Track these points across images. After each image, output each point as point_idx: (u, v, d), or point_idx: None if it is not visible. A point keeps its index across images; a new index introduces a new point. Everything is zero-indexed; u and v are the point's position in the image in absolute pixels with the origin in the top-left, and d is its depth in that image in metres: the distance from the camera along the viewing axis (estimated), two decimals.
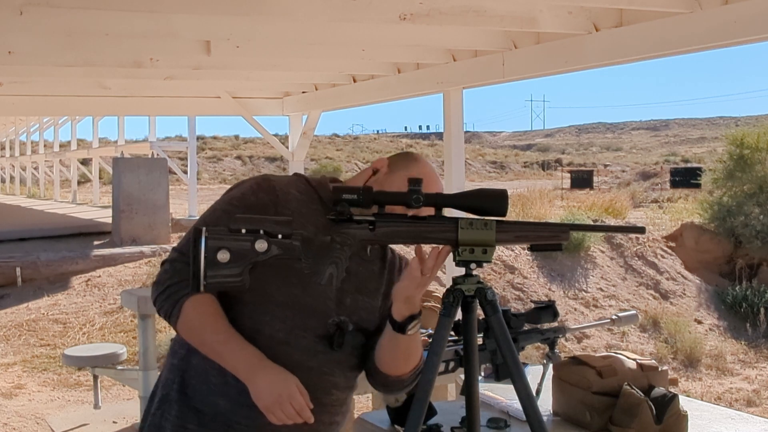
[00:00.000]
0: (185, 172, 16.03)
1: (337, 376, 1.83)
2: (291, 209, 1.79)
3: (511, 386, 1.68)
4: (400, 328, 1.75)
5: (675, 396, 2.33)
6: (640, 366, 2.45)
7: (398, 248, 1.98)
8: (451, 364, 2.25)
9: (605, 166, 47.36)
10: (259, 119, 6.71)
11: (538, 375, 2.53)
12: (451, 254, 1.70)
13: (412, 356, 1.86)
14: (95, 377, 5.53)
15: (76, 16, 3.43)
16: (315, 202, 1.85)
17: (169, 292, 1.76)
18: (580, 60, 3.86)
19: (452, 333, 1.76)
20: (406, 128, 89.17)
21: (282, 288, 1.75)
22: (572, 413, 2.45)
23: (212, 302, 1.75)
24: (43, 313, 9.00)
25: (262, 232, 1.63)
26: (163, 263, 1.82)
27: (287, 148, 6.92)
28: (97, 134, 19.93)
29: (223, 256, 1.61)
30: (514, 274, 11.49)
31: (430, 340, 1.73)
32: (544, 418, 1.79)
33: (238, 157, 43.71)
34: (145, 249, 11.09)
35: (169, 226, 12.06)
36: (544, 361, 2.50)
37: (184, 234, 1.90)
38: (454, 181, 4.79)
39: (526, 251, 11.72)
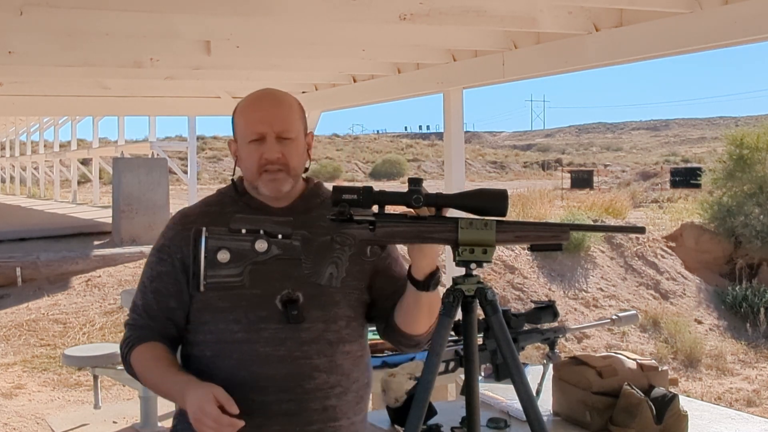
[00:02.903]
0: (185, 172, 16.01)
1: (314, 357, 1.79)
2: (204, 223, 1.77)
3: (511, 386, 1.68)
4: (425, 285, 1.75)
5: (675, 396, 2.33)
6: (640, 366, 2.46)
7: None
8: (451, 364, 2.25)
9: (605, 166, 47.38)
10: None
11: (538, 375, 2.53)
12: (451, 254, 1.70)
13: (434, 311, 1.82)
14: (95, 377, 5.53)
15: (76, 16, 3.43)
16: (229, 205, 1.86)
17: (123, 356, 1.84)
18: (580, 60, 3.85)
19: (452, 333, 1.76)
20: (406, 128, 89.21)
21: (222, 294, 1.74)
22: (572, 413, 2.45)
23: (151, 348, 1.79)
24: (43, 313, 9.00)
25: (262, 232, 1.64)
26: (124, 326, 1.89)
27: None
28: (97, 134, 19.93)
29: (223, 256, 1.61)
30: (514, 274, 11.50)
31: (430, 340, 1.72)
32: (544, 418, 1.79)
33: None
34: (145, 249, 11.07)
35: None
36: (544, 361, 2.50)
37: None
38: (454, 181, 4.78)
39: (526, 251, 11.73)
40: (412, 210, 1.69)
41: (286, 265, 1.72)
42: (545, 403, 2.51)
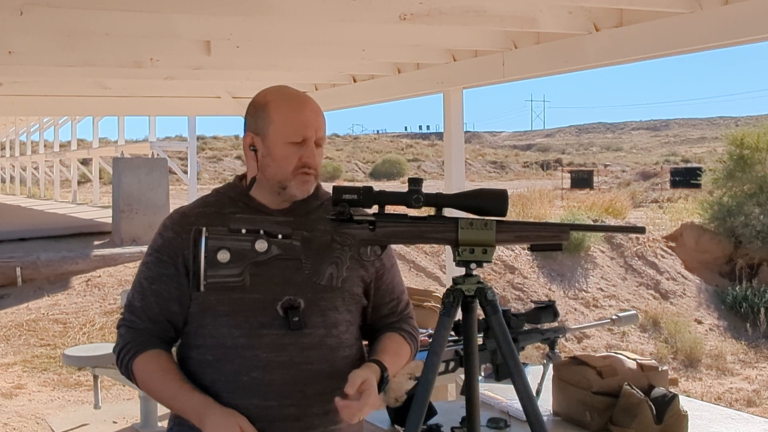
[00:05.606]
0: (185, 172, 16.01)
1: (316, 363, 1.78)
2: (202, 224, 1.77)
3: (511, 386, 1.68)
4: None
5: (675, 396, 2.33)
6: (640, 366, 2.45)
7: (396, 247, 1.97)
8: (451, 364, 2.25)
9: (605, 166, 47.39)
10: None
11: (538, 375, 2.53)
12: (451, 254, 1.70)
13: (405, 358, 1.92)
14: (95, 377, 5.53)
15: (76, 16, 3.43)
16: (228, 206, 1.83)
17: (120, 359, 1.80)
18: (580, 60, 3.86)
19: (452, 333, 1.76)
20: (406, 128, 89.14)
21: (222, 297, 1.74)
22: (572, 413, 2.44)
23: (156, 358, 1.77)
24: (43, 313, 9.00)
25: (262, 232, 1.64)
26: (118, 327, 1.85)
27: None
28: (97, 134, 19.89)
29: (224, 256, 1.61)
30: (514, 274, 11.50)
31: (430, 340, 1.73)
32: (544, 418, 1.79)
33: (238, 157, 43.71)
34: (146, 249, 11.06)
35: None
36: (544, 361, 2.50)
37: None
38: (454, 181, 4.79)
39: (526, 251, 11.73)
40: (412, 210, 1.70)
41: (287, 271, 1.73)
42: (545, 403, 2.51)
